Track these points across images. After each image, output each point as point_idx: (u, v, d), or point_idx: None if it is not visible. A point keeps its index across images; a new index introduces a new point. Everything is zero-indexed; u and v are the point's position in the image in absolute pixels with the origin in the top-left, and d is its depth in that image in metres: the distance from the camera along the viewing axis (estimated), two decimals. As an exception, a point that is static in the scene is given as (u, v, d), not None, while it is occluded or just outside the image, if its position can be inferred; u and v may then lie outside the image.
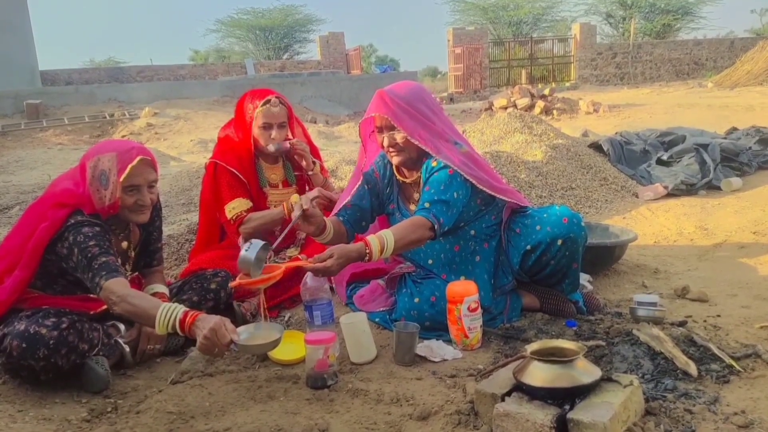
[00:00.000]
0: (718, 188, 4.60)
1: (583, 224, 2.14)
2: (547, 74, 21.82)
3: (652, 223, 3.80)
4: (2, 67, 13.57)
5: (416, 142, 2.08)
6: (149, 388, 1.88)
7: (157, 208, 2.22)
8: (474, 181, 2.08)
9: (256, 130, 2.63)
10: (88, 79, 16.96)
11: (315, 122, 11.91)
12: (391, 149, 2.15)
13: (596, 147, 5.17)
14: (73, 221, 1.88)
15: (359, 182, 2.29)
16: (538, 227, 2.12)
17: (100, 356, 1.89)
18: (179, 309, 1.71)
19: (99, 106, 12.53)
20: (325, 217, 2.08)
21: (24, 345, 1.72)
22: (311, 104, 13.78)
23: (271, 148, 2.63)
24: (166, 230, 3.50)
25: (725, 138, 5.71)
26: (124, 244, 2.11)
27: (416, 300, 2.11)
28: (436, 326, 2.08)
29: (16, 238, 1.98)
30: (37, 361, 1.73)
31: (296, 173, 2.81)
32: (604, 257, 2.70)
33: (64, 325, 1.78)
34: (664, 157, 5.05)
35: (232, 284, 1.90)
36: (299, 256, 2.59)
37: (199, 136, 10.02)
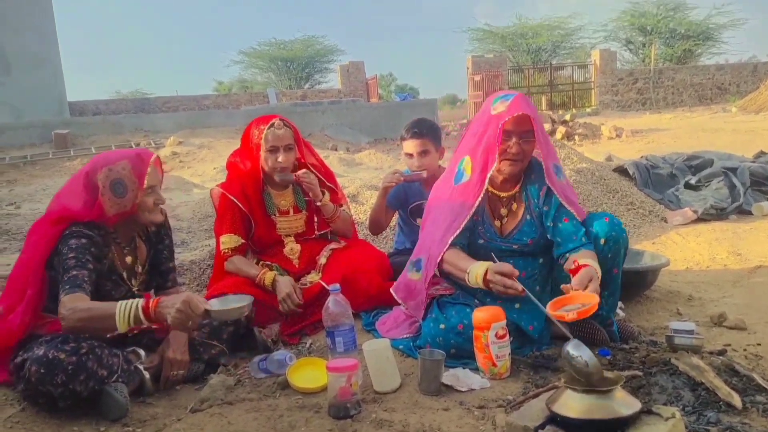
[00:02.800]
0: (749, 213, 4.48)
1: (623, 227, 2.09)
2: (567, 101, 21.78)
3: (683, 249, 3.69)
4: (32, 98, 13.97)
5: (539, 156, 2.08)
6: (168, 416, 1.83)
7: (164, 227, 2.24)
8: (574, 212, 2.09)
9: (263, 155, 2.60)
10: (115, 109, 17.39)
11: (336, 149, 11.97)
12: (516, 157, 2.05)
13: (621, 171, 5.08)
14: (67, 233, 1.92)
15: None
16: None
17: (120, 383, 1.85)
18: (139, 300, 1.75)
19: (125, 135, 12.78)
20: None
21: (42, 370, 1.69)
22: (332, 132, 13.88)
23: (277, 177, 2.61)
24: (189, 256, 3.50)
25: (754, 162, 5.58)
26: (129, 258, 2.11)
27: (442, 326, 2.04)
28: (463, 354, 2.01)
29: (23, 260, 2.01)
30: (56, 387, 1.70)
31: (306, 198, 2.75)
32: (637, 283, 2.60)
33: (83, 350, 1.76)
34: (692, 181, 4.95)
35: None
36: (320, 282, 2.55)
37: (222, 164, 9.98)
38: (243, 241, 2.62)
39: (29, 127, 12.32)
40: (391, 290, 2.32)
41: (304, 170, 2.64)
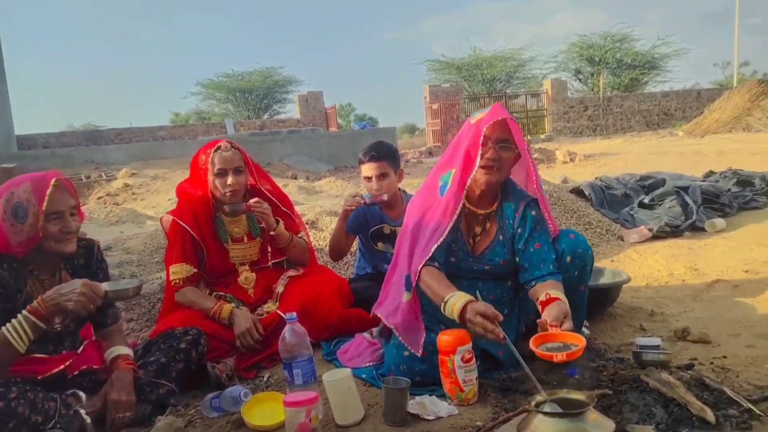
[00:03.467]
0: (702, 229, 4.57)
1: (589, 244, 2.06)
2: (522, 128, 22.30)
3: (641, 266, 3.72)
4: (-23, 133, 13.43)
5: (529, 164, 2.06)
6: (110, 463, 1.68)
7: (96, 258, 2.06)
8: (550, 230, 2.07)
9: (211, 179, 2.50)
10: (65, 142, 16.87)
11: (296, 178, 11.87)
12: (492, 163, 1.98)
13: (578, 192, 5.15)
14: None
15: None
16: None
17: (58, 429, 1.69)
18: (24, 311, 1.67)
19: (76, 168, 12.36)
20: None
21: (-37, 419, 1.52)
22: (291, 161, 13.77)
23: (227, 208, 2.50)
24: (138, 289, 3.32)
25: (704, 181, 5.76)
26: None
27: (405, 353, 1.95)
28: (428, 381, 1.91)
29: None
30: None
31: (261, 225, 2.61)
32: (600, 300, 2.58)
33: (12, 395, 1.59)
34: (646, 200, 5.04)
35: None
36: (277, 311, 2.43)
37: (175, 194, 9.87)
38: (195, 270, 2.49)
39: (-27, 161, 11.80)
40: (378, 314, 2.11)
41: (255, 199, 2.52)
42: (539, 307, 1.86)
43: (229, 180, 2.47)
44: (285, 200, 2.74)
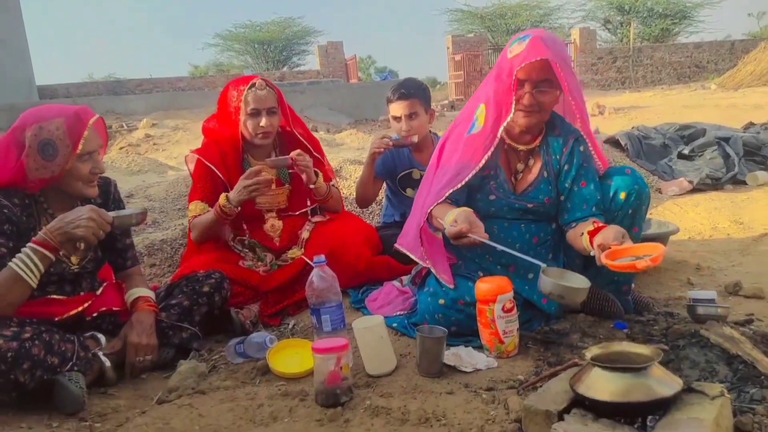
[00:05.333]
0: (743, 182, 4.36)
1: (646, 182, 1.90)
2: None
3: (682, 219, 3.53)
4: (-3, 81, 13.39)
5: (572, 106, 1.85)
6: (131, 408, 1.60)
7: (114, 197, 1.96)
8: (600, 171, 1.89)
9: (243, 119, 2.32)
10: (86, 92, 16.74)
11: (316, 130, 11.66)
12: (528, 107, 1.79)
13: (613, 142, 4.92)
14: None
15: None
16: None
17: (75, 372, 1.61)
18: (30, 244, 1.60)
19: (96, 118, 12.32)
20: None
21: (-25, 360, 1.44)
22: (312, 113, 13.54)
23: (269, 162, 2.31)
24: (160, 235, 3.25)
25: (744, 132, 5.47)
26: None
27: (441, 302, 1.82)
28: (465, 332, 1.80)
29: None
30: None
31: (290, 170, 2.46)
32: (645, 251, 2.42)
33: (26, 335, 1.51)
34: (686, 151, 4.81)
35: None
36: (302, 257, 2.32)
37: (198, 145, 9.71)
38: (208, 207, 2.33)
39: (-5, 110, 11.81)
40: (397, 246, 2.02)
41: (298, 151, 2.32)
42: (586, 240, 1.67)
43: (263, 122, 2.30)
44: (317, 146, 2.58)
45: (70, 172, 1.72)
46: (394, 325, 1.96)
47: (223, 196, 2.23)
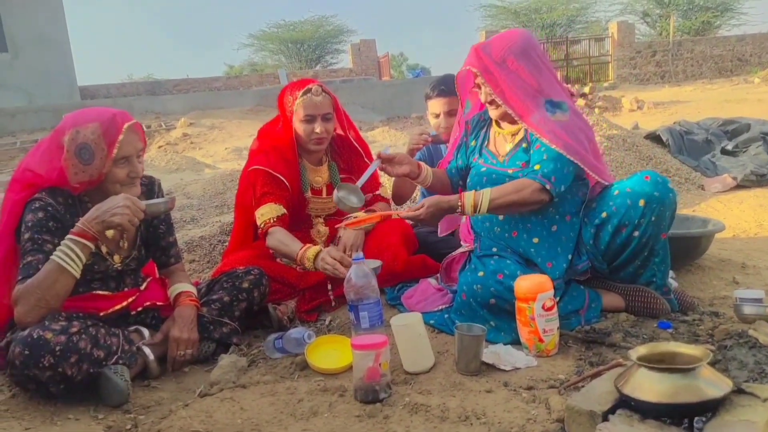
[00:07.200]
0: (790, 179, 4.19)
1: (670, 186, 1.84)
2: (583, 76, 21.22)
3: (726, 216, 3.42)
4: (42, 82, 13.83)
5: (503, 104, 1.89)
6: (174, 401, 1.64)
7: (158, 197, 1.99)
8: (563, 152, 1.81)
9: (297, 124, 2.32)
10: (126, 93, 17.18)
11: (349, 128, 11.74)
12: (489, 105, 1.98)
13: (654, 138, 4.80)
14: (29, 202, 1.72)
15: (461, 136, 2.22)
16: (615, 192, 1.85)
17: (120, 365, 1.66)
18: (69, 236, 1.65)
19: (136, 117, 12.53)
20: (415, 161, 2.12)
21: (27, 352, 1.50)
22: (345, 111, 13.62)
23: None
24: (199, 232, 3.32)
25: (792, 127, 5.27)
26: (110, 232, 1.80)
27: (480, 273, 1.85)
28: (503, 307, 1.79)
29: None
30: (42, 371, 1.50)
31: (342, 176, 2.46)
32: (689, 250, 2.36)
33: (73, 329, 1.56)
34: (729, 147, 4.66)
35: (344, 224, 2.03)
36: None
37: (234, 144, 9.97)
38: (285, 211, 2.31)
39: (40, 110, 12.21)
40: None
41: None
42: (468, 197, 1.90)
43: (317, 128, 2.29)
44: (367, 151, 2.58)
45: (108, 177, 1.75)
46: (431, 321, 1.96)
47: (312, 251, 2.13)
